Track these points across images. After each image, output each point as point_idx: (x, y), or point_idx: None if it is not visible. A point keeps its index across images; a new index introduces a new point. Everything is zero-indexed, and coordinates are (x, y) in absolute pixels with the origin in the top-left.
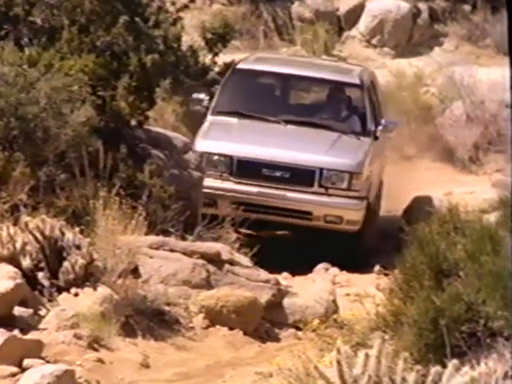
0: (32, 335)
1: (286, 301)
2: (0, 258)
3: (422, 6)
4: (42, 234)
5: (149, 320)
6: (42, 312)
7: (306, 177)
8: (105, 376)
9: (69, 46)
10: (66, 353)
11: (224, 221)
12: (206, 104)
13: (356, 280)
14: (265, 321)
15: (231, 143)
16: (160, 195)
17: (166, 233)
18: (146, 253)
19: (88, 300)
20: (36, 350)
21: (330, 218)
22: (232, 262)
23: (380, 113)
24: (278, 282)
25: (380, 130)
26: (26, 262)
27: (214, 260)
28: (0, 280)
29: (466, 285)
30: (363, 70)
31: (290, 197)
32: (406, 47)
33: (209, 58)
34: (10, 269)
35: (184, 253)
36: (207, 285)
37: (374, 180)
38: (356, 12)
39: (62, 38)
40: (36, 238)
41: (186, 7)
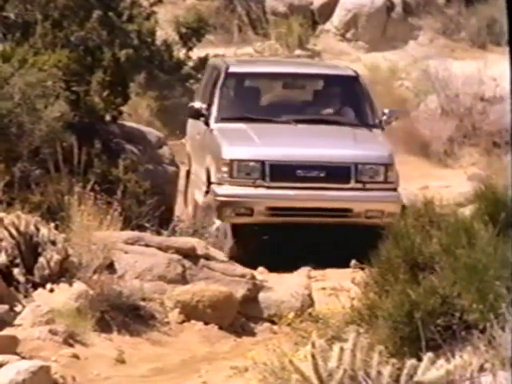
0: (7, 331)
1: (262, 295)
2: None
3: (396, 0)
4: (17, 229)
5: (124, 315)
6: (18, 308)
7: (342, 174)
8: (80, 372)
9: (42, 41)
10: (42, 349)
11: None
12: (203, 112)
13: (332, 274)
14: (240, 315)
15: (260, 148)
16: (135, 190)
17: (141, 228)
18: (121, 248)
19: (63, 296)
20: (11, 346)
21: (371, 213)
22: (207, 257)
23: None
24: (253, 277)
25: (385, 119)
26: (2, 258)
27: (190, 255)
28: None
29: (441, 278)
30: (347, 65)
31: (328, 196)
32: (380, 41)
33: (183, 53)
34: None
35: (159, 248)
36: (182, 280)
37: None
38: (330, 6)
39: (35, 33)
40: (11, 234)
41: (159, 1)
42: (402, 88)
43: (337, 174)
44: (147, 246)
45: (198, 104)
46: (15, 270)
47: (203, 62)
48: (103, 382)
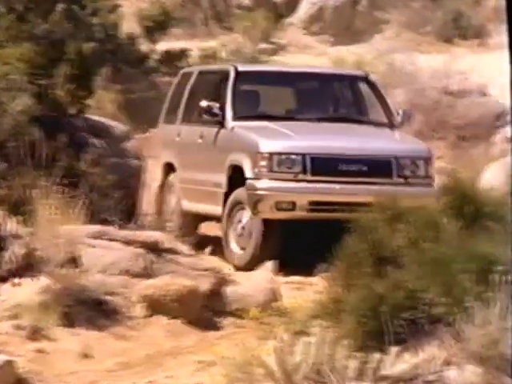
0: None
1: (228, 289)
2: None
3: None
4: None
5: (89, 310)
6: None
7: (384, 168)
8: (46, 366)
9: (6, 34)
10: (7, 343)
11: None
12: (215, 111)
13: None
14: (206, 309)
15: (299, 141)
16: (100, 184)
17: (106, 222)
18: (86, 242)
19: (28, 290)
20: None
21: None
22: (172, 251)
23: None
24: (219, 271)
25: (399, 120)
26: None
27: (155, 249)
28: None
29: (408, 272)
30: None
31: (373, 190)
32: (346, 34)
33: (148, 46)
34: None
35: (124, 242)
36: (147, 274)
37: None
38: None
39: None
40: None
41: None
42: None
43: (379, 168)
44: (112, 240)
45: (211, 103)
46: None
47: (168, 56)
48: (69, 377)
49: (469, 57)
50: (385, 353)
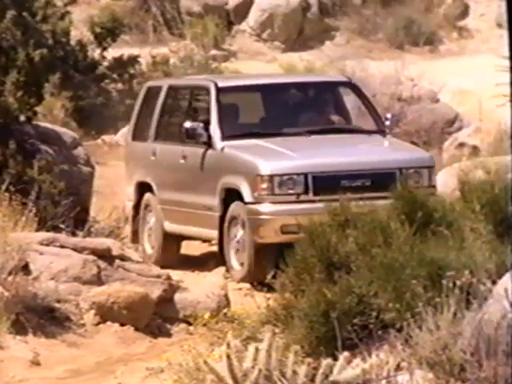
0: None
1: (178, 296)
2: None
3: (312, 0)
4: None
5: (39, 317)
6: None
7: (388, 180)
8: None
9: None
10: None
11: None
12: (200, 131)
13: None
14: (156, 316)
15: (299, 160)
16: (50, 191)
17: (56, 229)
18: (36, 249)
19: None
20: None
21: None
22: (123, 258)
23: None
24: (169, 277)
25: (388, 125)
26: None
27: (105, 256)
28: None
29: (358, 277)
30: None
31: (380, 205)
32: (297, 41)
33: (98, 53)
34: None
35: (74, 249)
36: (98, 281)
37: None
38: (245, 6)
39: None
40: None
41: (73, 1)
42: None
43: (383, 181)
44: (62, 247)
45: (195, 124)
46: None
47: (118, 62)
48: None
49: (420, 63)
50: (335, 358)
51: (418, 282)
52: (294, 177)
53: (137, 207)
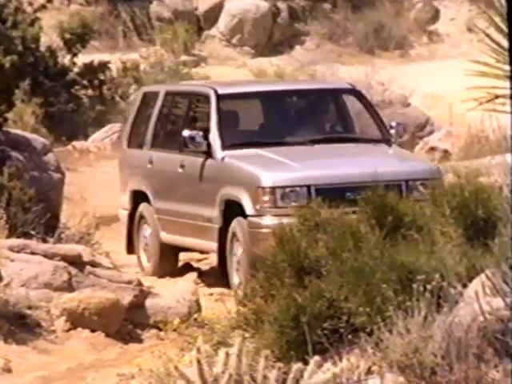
0: None
1: (149, 301)
2: None
3: (282, 5)
4: None
5: (10, 324)
6: None
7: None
8: None
9: None
10: None
11: None
12: (199, 140)
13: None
14: (127, 322)
15: (302, 172)
16: (20, 198)
17: (26, 235)
18: (6, 256)
19: None
20: None
21: None
22: (93, 264)
23: None
24: (140, 283)
25: (394, 133)
26: None
27: (76, 262)
28: None
29: (328, 282)
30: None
31: None
32: (267, 46)
33: (68, 59)
34: None
35: (45, 255)
36: (69, 287)
37: None
38: (215, 11)
39: None
40: None
41: (43, 7)
42: None
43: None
44: (33, 253)
45: (194, 132)
46: None
47: (88, 68)
48: None
49: (390, 68)
50: (306, 363)
51: (389, 285)
52: (297, 189)
53: (131, 216)
